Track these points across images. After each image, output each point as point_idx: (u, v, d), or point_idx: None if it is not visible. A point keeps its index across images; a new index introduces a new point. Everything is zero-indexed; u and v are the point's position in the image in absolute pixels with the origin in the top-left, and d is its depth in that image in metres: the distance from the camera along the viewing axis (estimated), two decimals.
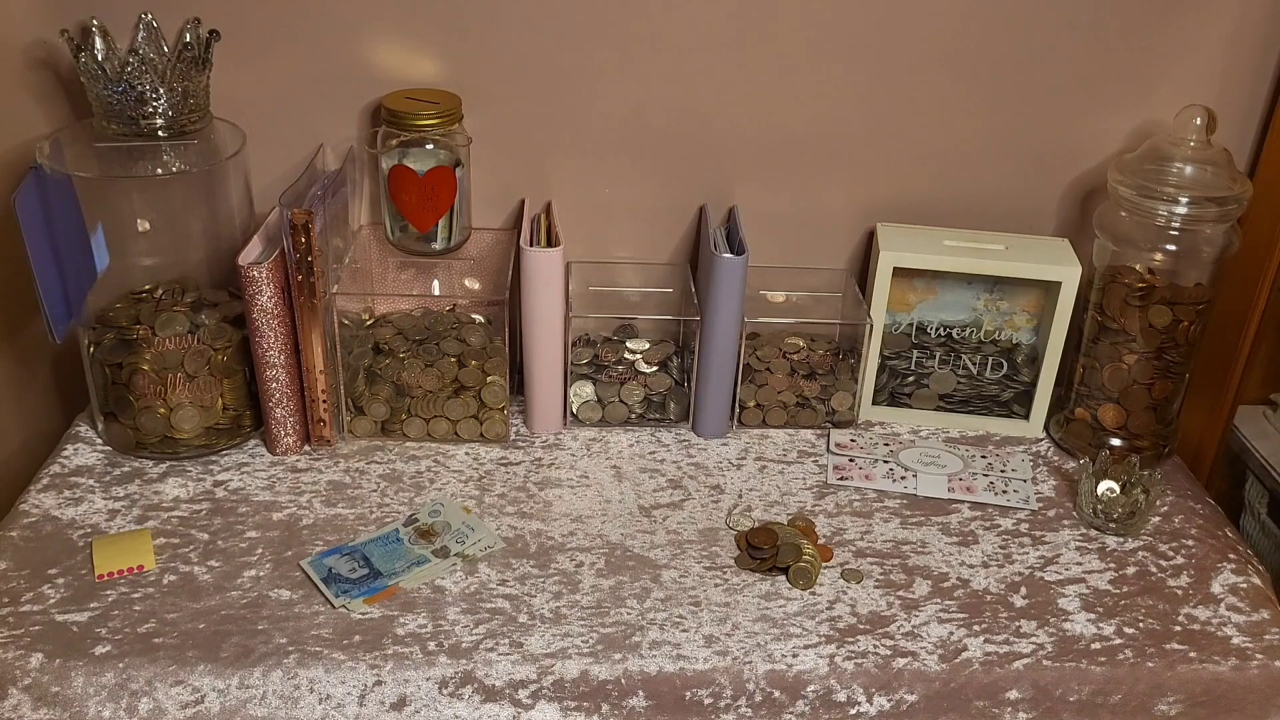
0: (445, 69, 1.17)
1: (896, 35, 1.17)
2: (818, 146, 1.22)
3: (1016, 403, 1.24)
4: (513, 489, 1.11)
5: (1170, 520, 1.12)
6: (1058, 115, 1.21)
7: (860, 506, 1.12)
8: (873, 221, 1.26)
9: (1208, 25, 1.17)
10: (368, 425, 1.17)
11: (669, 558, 1.03)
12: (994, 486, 1.15)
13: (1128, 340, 1.16)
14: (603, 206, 1.25)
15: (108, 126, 1.07)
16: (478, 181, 1.22)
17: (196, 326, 1.11)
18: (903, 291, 1.22)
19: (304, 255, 1.06)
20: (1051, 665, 0.94)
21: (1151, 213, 1.11)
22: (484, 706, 0.90)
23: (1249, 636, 0.98)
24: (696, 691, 0.92)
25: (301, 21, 1.14)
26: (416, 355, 1.17)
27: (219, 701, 0.88)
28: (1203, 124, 1.10)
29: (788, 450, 1.19)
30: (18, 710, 0.87)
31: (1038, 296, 1.22)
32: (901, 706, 0.93)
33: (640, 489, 1.12)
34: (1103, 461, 1.11)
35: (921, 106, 1.21)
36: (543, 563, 1.02)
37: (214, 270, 1.14)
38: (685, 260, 1.28)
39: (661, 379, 1.22)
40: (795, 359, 1.23)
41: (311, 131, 1.19)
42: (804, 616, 0.97)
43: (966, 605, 1.00)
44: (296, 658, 0.90)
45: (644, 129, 1.21)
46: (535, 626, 0.95)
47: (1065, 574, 1.04)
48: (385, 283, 1.25)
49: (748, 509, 1.10)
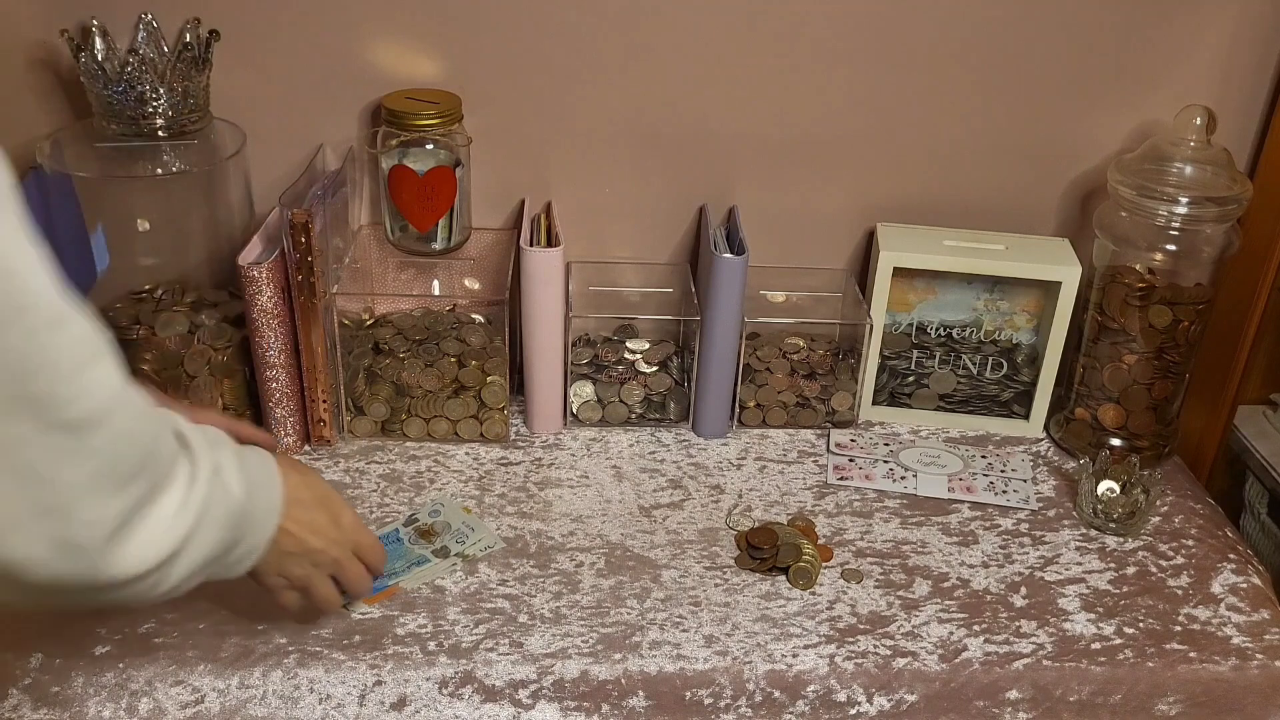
0: (445, 69, 1.17)
1: (897, 35, 1.17)
2: (818, 146, 1.22)
3: (1016, 403, 1.24)
4: (513, 489, 1.11)
5: (1170, 520, 1.12)
6: (1058, 115, 1.21)
7: (860, 506, 1.12)
8: (873, 221, 1.26)
9: (1208, 25, 1.17)
10: (368, 425, 1.17)
11: (669, 558, 1.03)
12: (994, 486, 1.15)
13: (1128, 340, 1.16)
14: (603, 206, 1.25)
15: (108, 126, 1.07)
16: (478, 181, 1.22)
17: (196, 326, 1.11)
18: (903, 291, 1.22)
19: (304, 255, 1.06)
20: (1051, 665, 0.94)
21: (1151, 213, 1.11)
22: (484, 706, 0.90)
23: (1249, 636, 0.98)
24: (696, 691, 0.91)
25: (301, 21, 1.14)
26: (416, 355, 1.17)
27: (219, 701, 0.88)
28: (1203, 124, 1.10)
29: (788, 450, 1.19)
30: (18, 710, 0.87)
31: (1038, 296, 1.22)
32: (901, 706, 0.93)
33: (640, 489, 1.12)
34: (1103, 461, 1.11)
35: (922, 106, 1.21)
36: (543, 563, 1.02)
37: (214, 270, 1.14)
38: (685, 260, 1.28)
39: (661, 379, 1.22)
40: (795, 359, 1.23)
41: (311, 131, 1.19)
42: (804, 616, 0.97)
43: (966, 605, 1.00)
44: (296, 658, 0.90)
45: (644, 129, 1.21)
46: (535, 626, 0.94)
47: (1065, 574, 1.04)
48: (385, 283, 1.25)
49: (748, 509, 1.10)
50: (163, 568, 0.66)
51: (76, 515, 0.60)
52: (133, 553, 0.63)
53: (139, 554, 0.64)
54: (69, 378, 0.58)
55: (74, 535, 0.60)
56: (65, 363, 0.58)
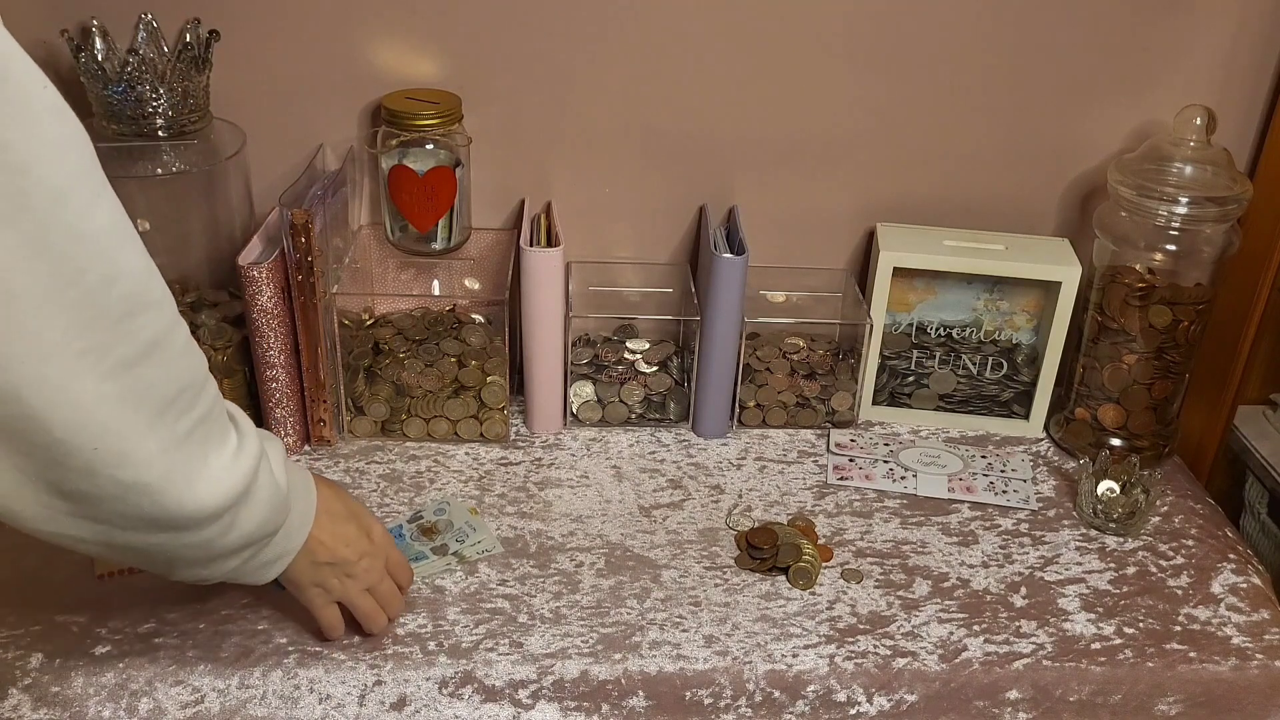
0: (445, 69, 1.17)
1: (897, 35, 1.17)
2: (818, 146, 1.22)
3: (1016, 403, 1.24)
4: (513, 489, 1.11)
5: (1170, 520, 1.12)
6: (1058, 115, 1.21)
7: (860, 506, 1.12)
8: (873, 221, 1.26)
9: (1208, 25, 1.17)
10: (368, 425, 1.17)
11: (669, 558, 1.03)
12: (994, 486, 1.15)
13: (1128, 340, 1.16)
14: (603, 206, 1.25)
15: (108, 126, 1.07)
16: (478, 181, 1.22)
17: (196, 326, 1.11)
18: (903, 291, 1.22)
19: (304, 255, 1.06)
20: (1051, 665, 0.94)
21: (1151, 213, 1.11)
22: (484, 706, 0.90)
23: (1249, 636, 0.98)
24: (696, 691, 0.91)
25: (301, 21, 1.14)
26: (416, 355, 1.17)
27: (219, 701, 0.88)
28: (1203, 124, 1.10)
29: (788, 450, 1.19)
30: (18, 710, 0.87)
31: (1038, 296, 1.22)
32: (901, 706, 0.93)
33: (640, 489, 1.12)
34: (1103, 461, 1.11)
35: (921, 107, 1.21)
36: (543, 563, 1.02)
37: (214, 270, 1.14)
38: (685, 260, 1.28)
39: (661, 379, 1.22)
40: (795, 359, 1.23)
41: (311, 131, 1.19)
42: (804, 616, 0.97)
43: (966, 605, 1.00)
44: (296, 658, 0.90)
45: (644, 129, 1.21)
46: (535, 626, 0.94)
47: (1065, 574, 1.04)
48: (385, 283, 1.25)
49: (748, 509, 1.10)
50: (232, 509, 0.70)
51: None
52: (204, 487, 0.67)
53: (209, 489, 0.68)
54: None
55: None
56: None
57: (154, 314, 0.64)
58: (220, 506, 0.69)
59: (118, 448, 0.63)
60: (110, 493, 0.64)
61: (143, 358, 0.63)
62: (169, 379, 0.65)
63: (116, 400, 0.62)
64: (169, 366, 0.65)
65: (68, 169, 0.58)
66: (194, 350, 0.68)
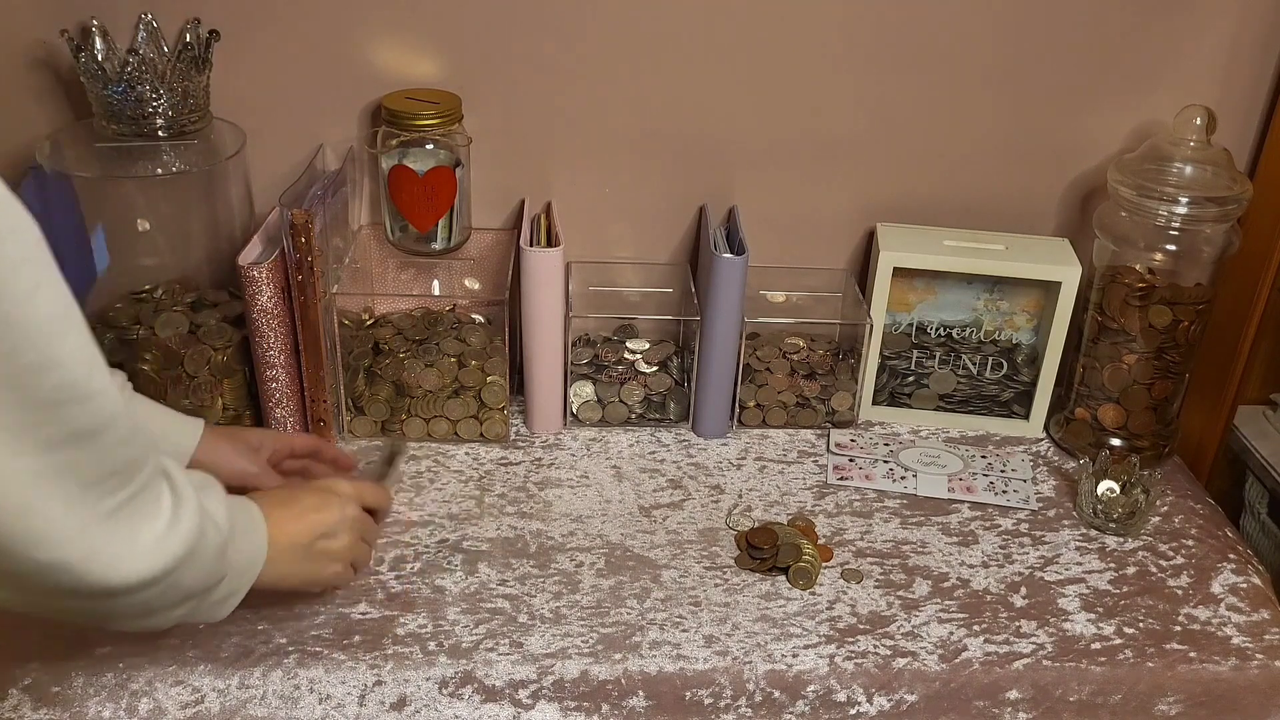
0: (445, 69, 1.17)
1: (896, 36, 1.17)
2: (818, 146, 1.22)
3: (1016, 403, 1.24)
4: (513, 489, 1.11)
5: (1170, 520, 1.12)
6: (1058, 115, 1.21)
7: (860, 506, 1.12)
8: (873, 221, 1.26)
9: (1208, 25, 1.17)
10: (368, 425, 1.17)
11: (669, 558, 1.03)
12: (994, 486, 1.15)
13: (1128, 340, 1.16)
14: (603, 206, 1.25)
15: (108, 126, 1.07)
16: (478, 181, 1.22)
17: (196, 326, 1.11)
18: (903, 291, 1.22)
19: (304, 255, 1.06)
20: (1051, 665, 0.94)
21: (1151, 213, 1.11)
22: (484, 706, 0.90)
23: (1249, 636, 0.98)
24: (696, 691, 0.91)
25: (301, 21, 1.14)
26: (416, 355, 1.17)
27: (219, 701, 0.88)
28: (1203, 124, 1.10)
29: (788, 450, 1.19)
30: (18, 710, 0.87)
31: (1038, 296, 1.22)
32: (901, 706, 0.93)
33: (640, 489, 1.12)
34: (1103, 461, 1.11)
35: (921, 107, 1.21)
36: (543, 563, 1.02)
37: (214, 270, 1.14)
38: (685, 260, 1.28)
39: (661, 379, 1.22)
40: (795, 359, 1.23)
41: (311, 131, 1.19)
42: (804, 616, 0.97)
43: (966, 605, 1.00)
44: (296, 658, 0.90)
45: (644, 129, 1.21)
46: (535, 626, 0.95)
47: (1065, 574, 1.04)
48: (385, 283, 1.25)
49: (748, 509, 1.10)
50: (173, 573, 0.69)
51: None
52: (131, 563, 0.66)
53: (138, 563, 0.67)
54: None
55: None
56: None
57: (89, 406, 0.61)
58: (154, 577, 0.68)
59: (33, 525, 0.61)
60: (28, 569, 0.63)
61: (68, 443, 0.61)
62: (97, 464, 0.63)
63: (33, 478, 0.60)
64: (100, 454, 0.63)
65: (5, 259, 0.57)
66: (136, 439, 0.66)
